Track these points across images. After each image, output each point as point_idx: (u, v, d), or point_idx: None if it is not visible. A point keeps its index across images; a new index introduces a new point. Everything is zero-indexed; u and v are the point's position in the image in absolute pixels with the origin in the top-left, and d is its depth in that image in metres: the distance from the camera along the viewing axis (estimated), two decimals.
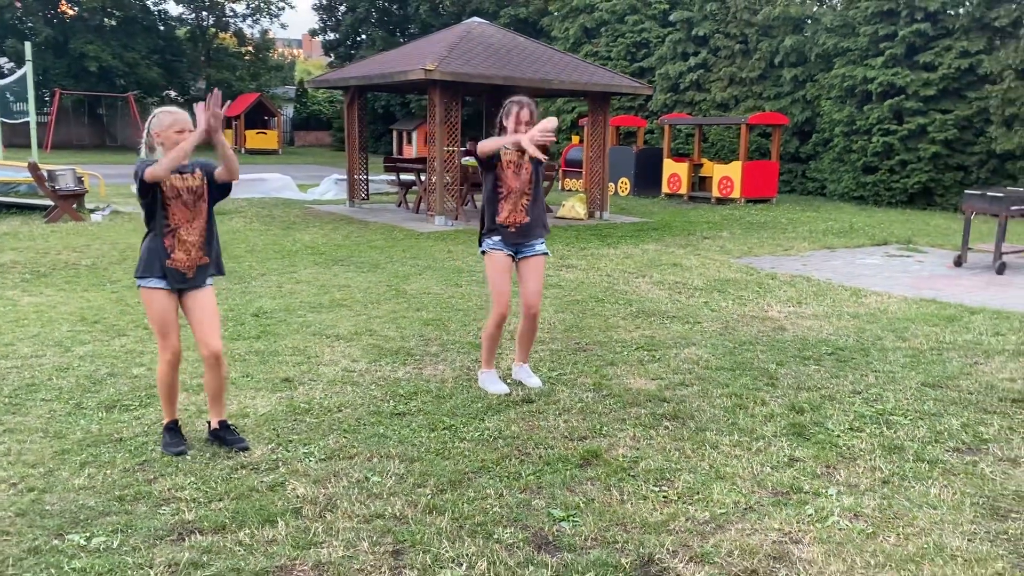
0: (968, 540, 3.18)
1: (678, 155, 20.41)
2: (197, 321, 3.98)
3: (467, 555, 3.04)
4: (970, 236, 10.42)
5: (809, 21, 20.25)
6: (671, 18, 23.39)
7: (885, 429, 4.39)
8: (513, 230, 4.82)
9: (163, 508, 3.41)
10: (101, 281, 8.09)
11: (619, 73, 15.87)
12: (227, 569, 2.93)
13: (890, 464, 3.93)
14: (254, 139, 38.70)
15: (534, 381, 5.11)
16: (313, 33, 41.99)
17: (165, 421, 4.10)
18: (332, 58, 42.69)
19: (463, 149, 12.97)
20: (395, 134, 33.90)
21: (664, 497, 3.52)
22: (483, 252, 4.94)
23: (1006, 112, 16.03)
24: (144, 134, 3.87)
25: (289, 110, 47.65)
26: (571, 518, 3.32)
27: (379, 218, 13.74)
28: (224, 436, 4.08)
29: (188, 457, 3.91)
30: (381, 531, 3.22)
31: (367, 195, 15.66)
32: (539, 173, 4.86)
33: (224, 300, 7.30)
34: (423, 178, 14.27)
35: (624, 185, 19.46)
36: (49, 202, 12.70)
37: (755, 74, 21.19)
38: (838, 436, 4.28)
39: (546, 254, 5.02)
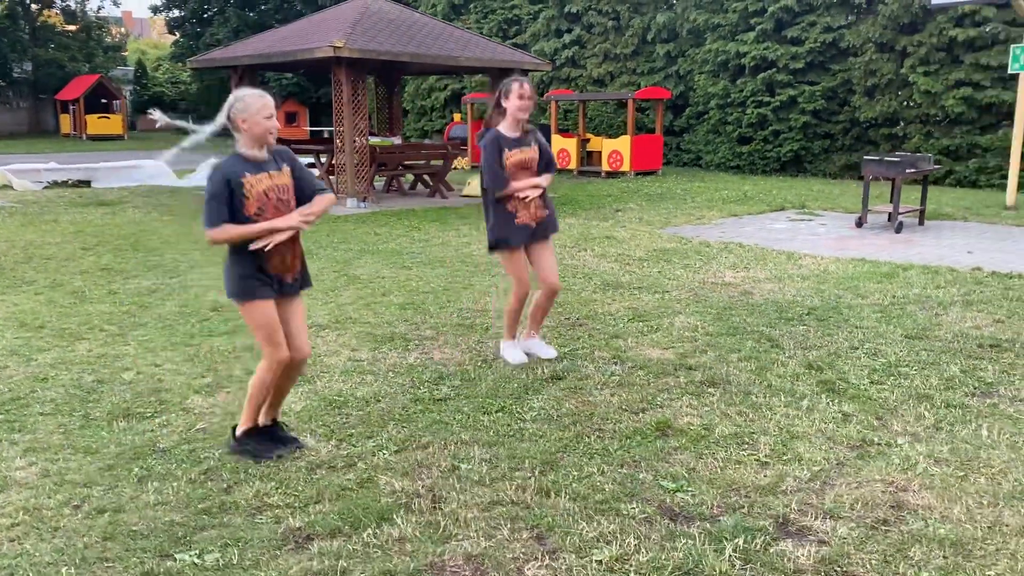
0: None
1: (562, 131, 20.69)
2: (293, 327, 3.67)
3: (610, 532, 3.02)
4: (859, 198, 11.19)
5: None
6: None
7: (902, 380, 4.69)
8: (534, 225, 4.87)
9: (259, 517, 3.19)
10: (15, 283, 7.36)
11: (520, 50, 15.89)
12: (378, 572, 2.78)
13: (929, 411, 4.20)
14: (96, 124, 36.09)
15: (550, 352, 5.17)
16: (155, 10, 39.40)
17: (246, 427, 3.73)
18: (178, 36, 40.26)
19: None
20: None
21: (757, 460, 3.63)
22: (494, 251, 4.95)
23: (868, 82, 17.26)
24: (224, 117, 3.47)
25: (128, 93, 44.67)
26: (684, 489, 3.36)
27: None
28: (278, 434, 3.83)
29: (256, 463, 3.66)
30: (509, 517, 3.14)
31: None
32: (551, 165, 4.92)
33: (167, 296, 6.84)
34: (323, 160, 13.81)
35: None
36: None
37: (629, 50, 21.75)
38: (866, 389, 4.53)
39: (556, 229, 5.14)
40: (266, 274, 3.53)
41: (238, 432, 3.75)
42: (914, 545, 2.90)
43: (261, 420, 3.82)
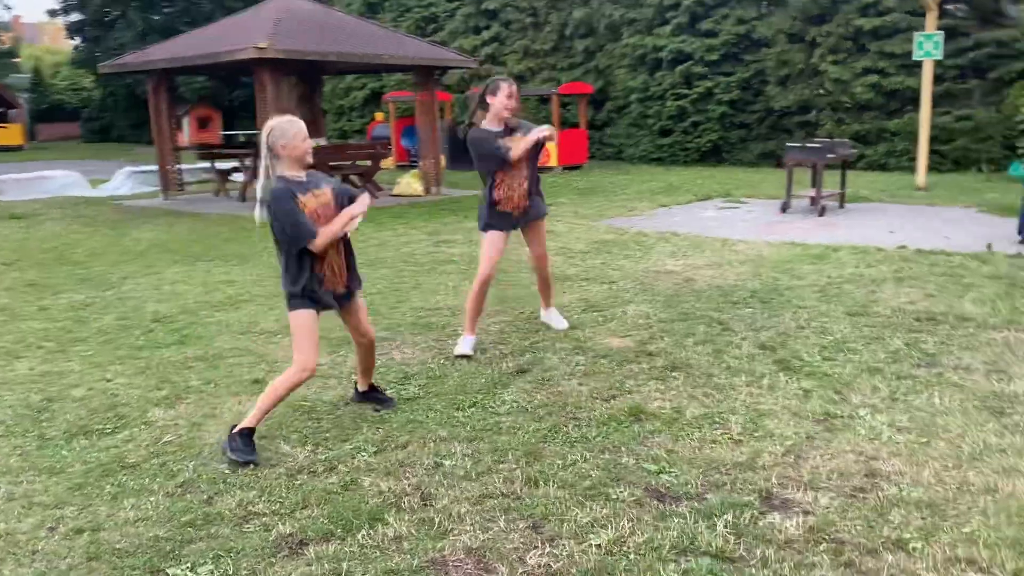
0: (997, 436, 3.67)
1: None
2: (358, 319, 4.08)
3: (603, 517, 3.07)
4: (779, 184, 11.57)
5: None
6: None
7: (852, 355, 4.89)
8: (517, 214, 4.99)
9: (247, 526, 3.13)
10: None
11: (446, 47, 15.85)
12: (380, 572, 2.77)
13: (882, 384, 4.40)
14: None
15: (562, 323, 5.59)
16: (52, 13, 37.74)
17: (246, 426, 3.74)
18: (78, 41, 38.68)
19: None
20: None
21: (731, 438, 3.74)
22: (484, 232, 5.16)
23: (781, 72, 17.84)
24: (264, 149, 3.57)
25: (24, 101, 42.68)
26: (666, 470, 3.45)
27: (209, 209, 12.86)
28: (378, 396, 4.33)
29: (229, 471, 3.58)
30: (502, 509, 3.16)
31: (182, 186, 14.55)
32: (536, 154, 5.00)
33: (103, 310, 6.61)
34: (248, 164, 13.51)
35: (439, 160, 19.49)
36: None
37: (548, 46, 21.93)
38: (819, 366, 4.71)
39: (547, 214, 5.34)
40: (317, 291, 3.77)
41: (236, 428, 3.73)
42: (892, 509, 3.04)
43: (360, 387, 4.34)
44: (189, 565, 2.87)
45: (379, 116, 23.04)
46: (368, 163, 14.35)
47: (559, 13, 21.48)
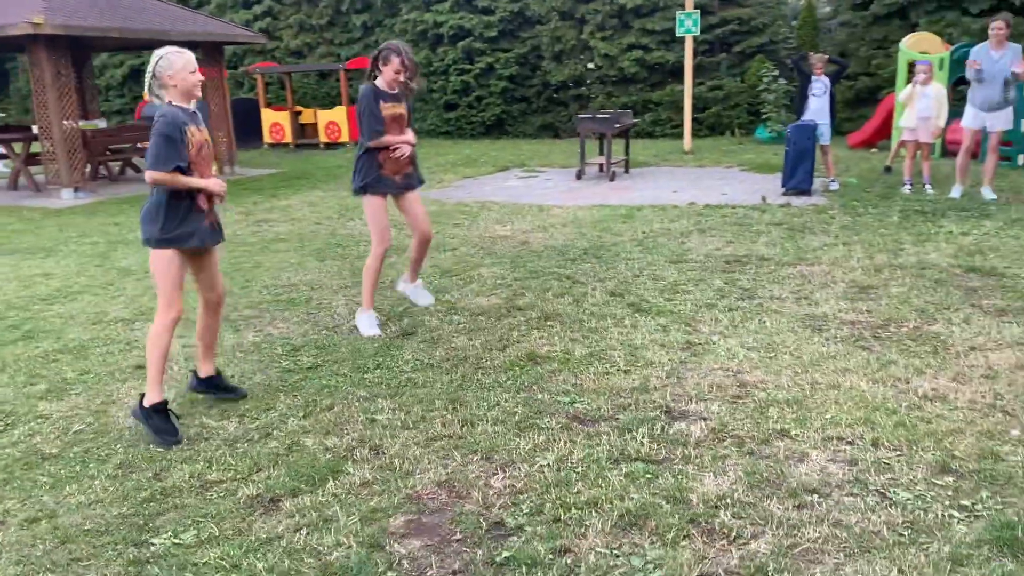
0: (824, 346, 4.53)
1: (270, 104, 20.13)
2: (214, 271, 4.02)
3: (542, 443, 3.51)
4: (566, 154, 12.50)
5: None
6: None
7: (686, 295, 5.66)
8: (398, 180, 5.04)
9: (209, 493, 3.25)
10: None
11: (232, 23, 15.22)
12: (367, 510, 3.03)
13: (720, 315, 5.18)
14: None
15: (428, 299, 5.57)
16: None
17: (157, 401, 3.73)
18: None
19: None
20: None
21: (620, 370, 4.31)
22: (361, 195, 5.05)
23: (555, 48, 18.91)
24: (149, 77, 3.56)
25: None
26: (578, 400, 3.94)
27: None
28: (223, 384, 4.20)
29: (163, 449, 3.63)
30: (452, 448, 3.51)
31: None
32: (411, 119, 5.16)
33: None
34: (18, 151, 12.38)
35: None
36: None
37: (324, 20, 21.62)
38: (664, 305, 5.43)
39: (422, 182, 5.36)
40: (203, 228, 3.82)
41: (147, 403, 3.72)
42: (768, 408, 3.74)
43: (207, 370, 4.15)
44: (170, 533, 2.96)
45: (146, 96, 21.55)
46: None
47: None
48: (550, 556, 2.70)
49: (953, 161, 10.58)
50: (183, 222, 3.72)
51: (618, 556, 2.68)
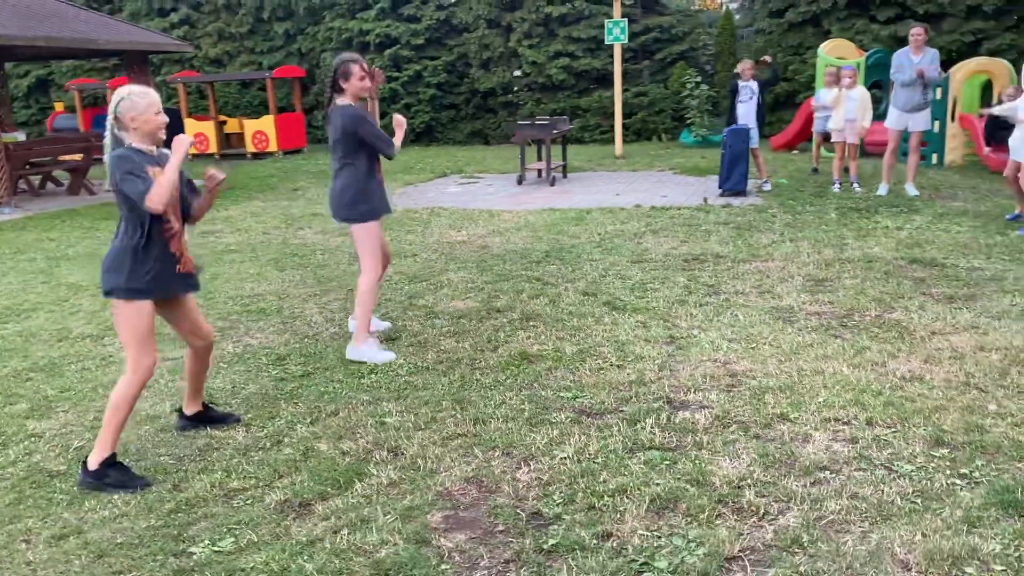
0: (798, 336, 4.78)
1: (193, 114, 19.66)
2: (196, 316, 3.76)
3: (557, 436, 3.62)
4: (500, 160, 12.68)
5: None
6: None
7: (656, 293, 5.86)
8: (382, 196, 4.89)
9: (235, 501, 3.25)
10: None
11: (160, 32, 14.81)
12: (402, 508, 3.09)
13: (694, 310, 5.40)
14: None
15: (381, 324, 5.36)
16: None
17: (107, 455, 3.41)
18: None
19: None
20: None
21: (614, 365, 4.46)
22: (360, 222, 4.79)
23: (483, 56, 19.07)
24: (110, 119, 3.34)
25: None
26: (581, 396, 4.07)
27: None
28: (214, 416, 3.98)
29: (173, 460, 3.59)
30: (471, 445, 3.59)
31: None
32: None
33: None
34: None
35: None
36: None
37: (245, 29, 21.24)
38: (637, 303, 5.62)
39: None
40: (175, 275, 3.61)
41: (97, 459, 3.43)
42: (764, 395, 3.95)
43: (194, 408, 3.93)
44: (207, 541, 2.96)
45: (59, 106, 20.80)
46: (79, 158, 13.16)
47: None
48: (595, 541, 2.82)
49: (874, 160, 11.19)
50: (152, 270, 3.43)
51: (659, 537, 2.82)
